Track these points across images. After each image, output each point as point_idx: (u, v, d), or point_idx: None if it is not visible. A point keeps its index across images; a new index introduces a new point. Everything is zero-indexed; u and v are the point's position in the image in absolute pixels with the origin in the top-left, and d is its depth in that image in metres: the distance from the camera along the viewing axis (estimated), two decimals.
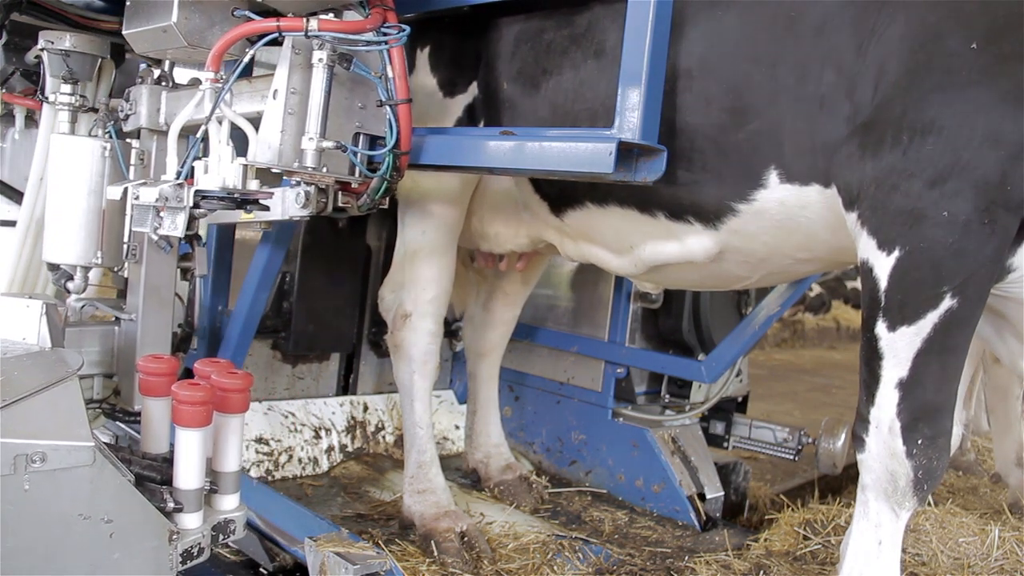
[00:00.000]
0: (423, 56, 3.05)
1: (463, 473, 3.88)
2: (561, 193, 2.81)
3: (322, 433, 3.82)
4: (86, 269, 2.70)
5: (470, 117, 2.96)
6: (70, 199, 2.64)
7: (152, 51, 2.52)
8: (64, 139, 2.70)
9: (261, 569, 2.87)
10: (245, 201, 2.26)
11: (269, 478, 3.56)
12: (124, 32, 2.48)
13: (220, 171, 2.23)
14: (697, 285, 3.48)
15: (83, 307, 2.72)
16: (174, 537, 1.97)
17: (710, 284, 3.23)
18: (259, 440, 3.58)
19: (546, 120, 2.65)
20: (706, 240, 2.48)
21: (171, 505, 2.00)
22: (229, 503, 2.18)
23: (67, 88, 2.77)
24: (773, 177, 2.23)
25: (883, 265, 2.02)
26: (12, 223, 3.06)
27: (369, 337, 4.16)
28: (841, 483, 4.52)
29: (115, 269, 2.81)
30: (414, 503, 3.12)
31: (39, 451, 1.73)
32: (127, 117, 2.75)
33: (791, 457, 3.92)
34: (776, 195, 2.25)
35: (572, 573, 2.92)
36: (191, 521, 2.04)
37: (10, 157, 3.64)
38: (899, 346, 2.02)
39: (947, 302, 1.96)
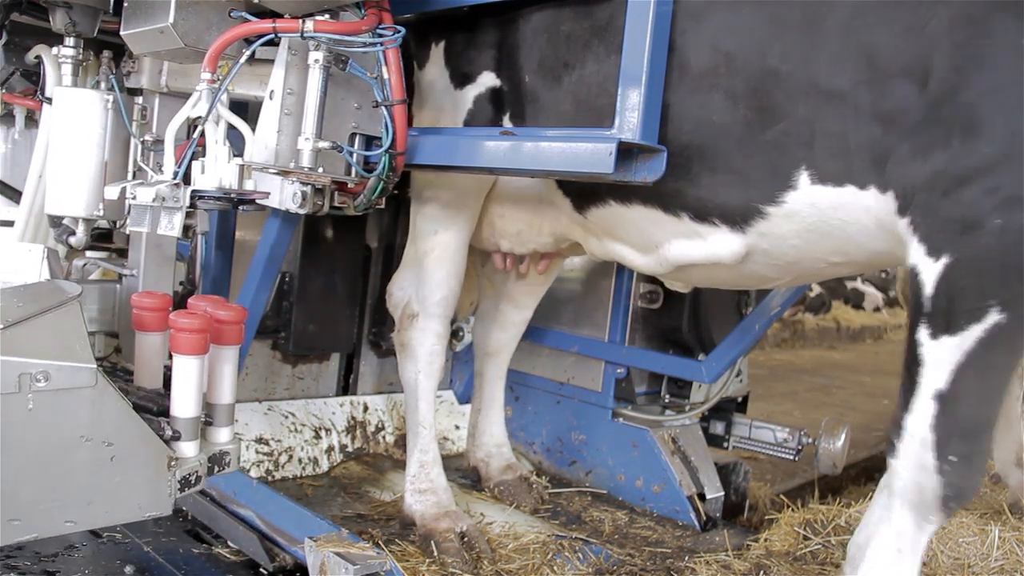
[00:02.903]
0: (438, 50, 3.00)
1: (463, 473, 3.88)
2: (584, 190, 2.71)
3: (322, 433, 3.82)
4: (88, 222, 2.70)
5: (483, 108, 2.87)
6: (72, 151, 2.64)
7: (150, 52, 2.52)
8: (67, 91, 2.70)
9: (261, 569, 2.87)
10: (241, 201, 2.27)
11: (269, 478, 3.56)
12: (122, 33, 2.49)
13: (217, 171, 2.23)
14: (726, 285, 3.41)
15: (84, 265, 2.73)
16: (172, 464, 1.99)
17: (739, 285, 3.17)
18: (259, 440, 3.58)
19: (569, 114, 2.58)
20: (733, 242, 2.39)
21: (169, 432, 2.02)
22: (224, 436, 2.20)
23: (70, 41, 2.76)
24: (804, 178, 2.14)
25: (930, 271, 1.94)
26: (12, 223, 3.06)
27: (369, 337, 4.16)
28: (841, 483, 4.53)
29: (117, 225, 2.81)
30: (415, 502, 3.12)
31: (42, 370, 1.75)
32: (129, 73, 2.75)
33: (791, 457, 3.92)
34: (807, 197, 2.16)
35: (572, 573, 2.92)
36: (188, 449, 2.06)
37: (10, 157, 3.64)
38: (940, 356, 1.95)
39: (993, 316, 1.86)
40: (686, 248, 2.53)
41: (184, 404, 2.04)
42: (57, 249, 2.29)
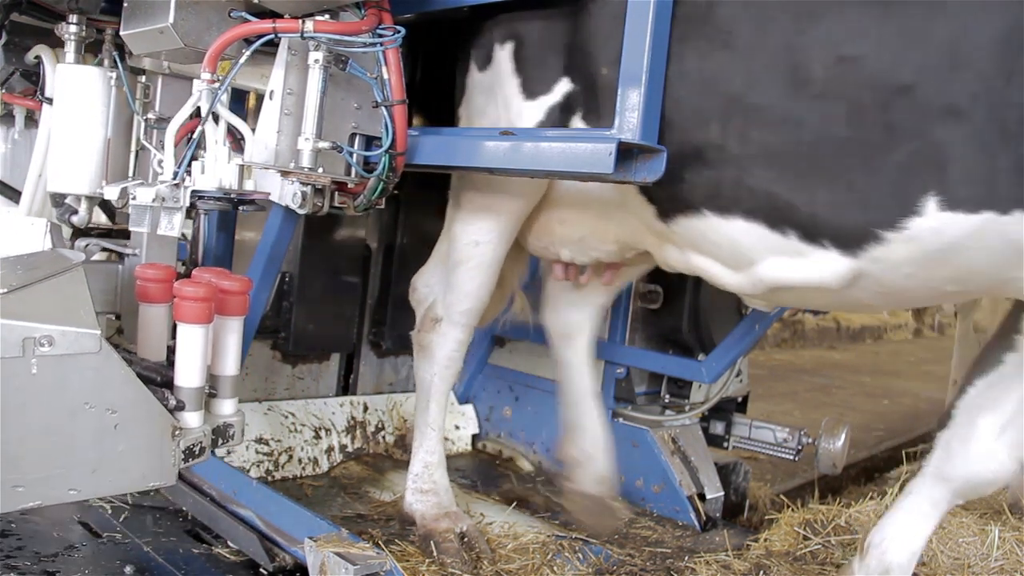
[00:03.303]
0: (504, 53, 2.73)
1: (463, 474, 3.89)
2: (674, 197, 2.43)
3: (322, 433, 3.82)
4: (91, 200, 2.70)
5: (554, 119, 2.64)
6: (76, 128, 2.64)
7: (149, 52, 2.52)
8: (70, 67, 2.70)
9: (261, 569, 2.87)
10: (241, 201, 2.27)
11: (269, 478, 3.56)
12: (122, 33, 2.49)
13: (216, 171, 2.24)
14: (819, 308, 3.25)
15: (87, 246, 2.73)
16: (176, 433, 1.97)
17: (834, 308, 2.97)
18: (259, 440, 3.58)
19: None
20: (840, 266, 2.20)
21: (173, 402, 2.01)
22: (228, 407, 2.19)
23: (73, 19, 2.74)
24: (931, 204, 1.97)
25: None
26: None
27: (369, 337, 4.17)
28: (841, 483, 4.53)
29: (120, 204, 2.81)
30: (416, 502, 3.11)
31: (46, 335, 1.72)
32: (131, 53, 2.76)
33: (791, 457, 3.92)
34: (931, 223, 1.99)
35: (572, 573, 2.92)
36: (193, 420, 2.04)
37: (10, 157, 3.64)
38: None
39: None
40: (786, 269, 2.32)
41: (188, 374, 2.03)
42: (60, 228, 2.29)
